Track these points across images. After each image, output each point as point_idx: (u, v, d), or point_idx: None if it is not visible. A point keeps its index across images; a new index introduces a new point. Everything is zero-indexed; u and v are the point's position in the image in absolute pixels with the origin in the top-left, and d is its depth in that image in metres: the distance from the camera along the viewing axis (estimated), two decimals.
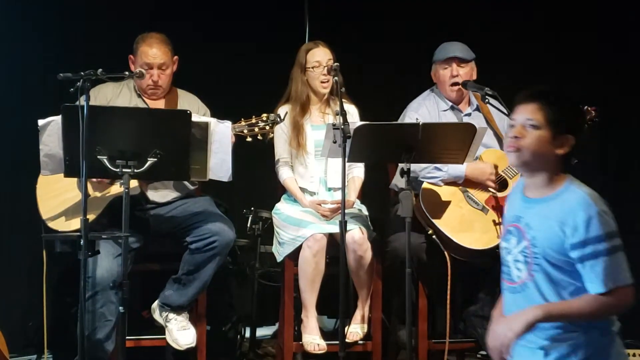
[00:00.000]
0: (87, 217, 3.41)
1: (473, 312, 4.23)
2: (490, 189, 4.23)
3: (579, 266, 2.54)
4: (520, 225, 2.67)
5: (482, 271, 4.16)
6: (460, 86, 4.37)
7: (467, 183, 4.26)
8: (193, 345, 4.02)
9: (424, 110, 4.39)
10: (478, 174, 4.23)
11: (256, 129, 3.93)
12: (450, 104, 4.45)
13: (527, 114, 2.63)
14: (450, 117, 4.42)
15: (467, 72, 4.41)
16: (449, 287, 3.99)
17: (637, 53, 5.09)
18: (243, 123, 3.94)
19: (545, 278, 2.60)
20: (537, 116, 2.61)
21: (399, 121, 4.38)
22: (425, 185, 4.21)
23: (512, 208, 2.76)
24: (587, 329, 2.59)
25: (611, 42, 5.18)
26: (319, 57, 4.33)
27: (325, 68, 4.29)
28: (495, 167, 4.27)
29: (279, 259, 4.26)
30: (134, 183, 3.73)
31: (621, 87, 5.18)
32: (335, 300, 3.78)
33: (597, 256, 2.51)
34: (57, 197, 3.89)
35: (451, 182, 4.24)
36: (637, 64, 5.08)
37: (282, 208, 4.32)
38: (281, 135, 4.36)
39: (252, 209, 4.71)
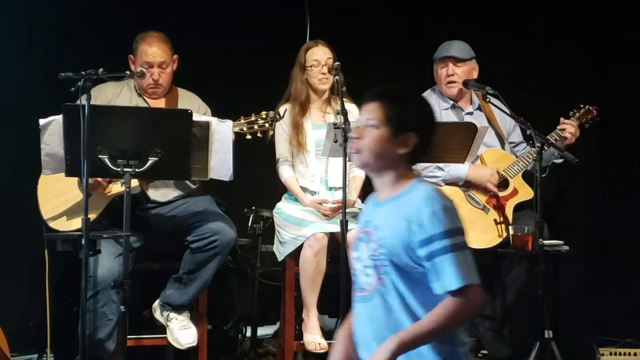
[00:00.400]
0: (88, 216, 3.40)
1: None
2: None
3: (427, 264, 2.33)
4: (369, 229, 2.48)
5: (482, 270, 4.14)
6: (455, 84, 4.38)
7: (467, 183, 4.27)
8: (194, 344, 4.01)
9: None
10: (478, 178, 4.23)
11: (256, 127, 3.94)
12: (452, 102, 4.45)
13: (367, 113, 2.47)
14: (451, 116, 4.42)
15: (464, 71, 4.41)
16: None
17: (637, 53, 5.09)
18: (242, 121, 3.95)
19: (395, 282, 2.39)
20: (377, 115, 2.45)
21: None
22: None
23: (364, 216, 2.59)
24: (440, 342, 2.37)
25: (611, 42, 5.17)
26: (318, 56, 4.33)
27: (325, 67, 4.29)
28: (497, 169, 4.29)
29: (280, 258, 4.26)
30: (134, 182, 3.73)
31: (621, 87, 5.17)
32: (336, 300, 3.78)
33: (445, 252, 2.31)
34: (58, 197, 3.89)
35: (452, 182, 4.25)
36: (637, 64, 5.07)
37: (283, 207, 4.32)
38: (282, 134, 4.36)
39: (253, 208, 4.69)
